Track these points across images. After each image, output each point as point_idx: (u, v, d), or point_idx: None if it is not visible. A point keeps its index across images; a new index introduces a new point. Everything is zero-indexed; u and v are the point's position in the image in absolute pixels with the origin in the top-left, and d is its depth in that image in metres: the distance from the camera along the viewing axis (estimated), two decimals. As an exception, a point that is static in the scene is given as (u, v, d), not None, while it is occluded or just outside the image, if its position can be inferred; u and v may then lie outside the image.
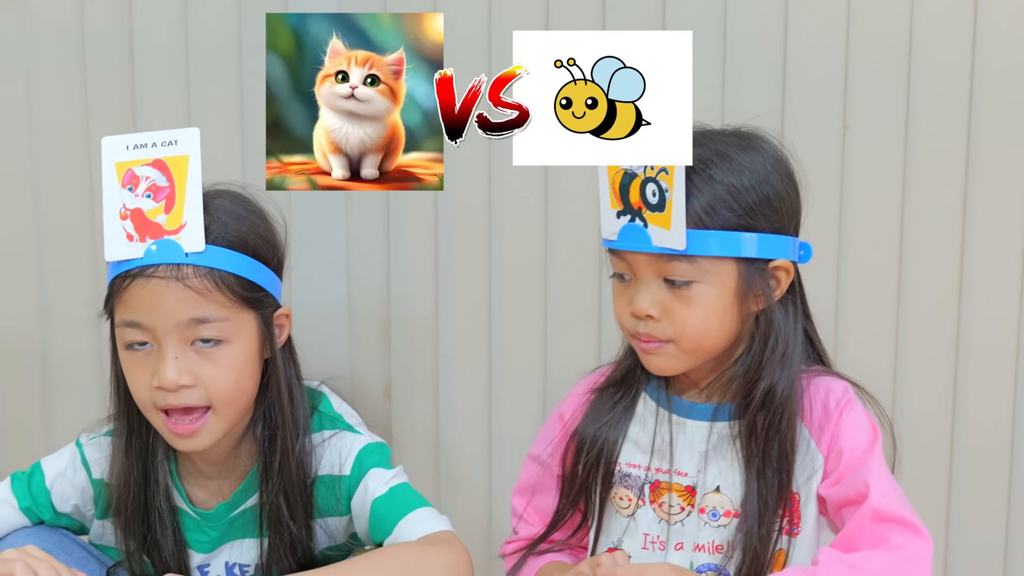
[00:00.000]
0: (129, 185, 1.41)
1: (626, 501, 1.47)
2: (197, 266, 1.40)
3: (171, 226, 1.40)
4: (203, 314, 1.41)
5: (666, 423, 1.47)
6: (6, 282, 2.04)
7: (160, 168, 1.40)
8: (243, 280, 1.43)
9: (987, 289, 1.88)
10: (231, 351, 1.43)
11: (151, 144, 1.41)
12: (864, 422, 1.42)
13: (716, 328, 1.39)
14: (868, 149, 1.87)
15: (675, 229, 1.34)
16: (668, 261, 1.37)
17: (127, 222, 1.41)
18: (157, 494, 1.51)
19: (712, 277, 1.37)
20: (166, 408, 1.43)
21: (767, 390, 1.40)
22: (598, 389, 1.53)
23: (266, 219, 1.50)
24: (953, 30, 1.83)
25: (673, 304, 1.38)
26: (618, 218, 1.40)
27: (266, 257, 1.47)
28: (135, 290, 1.41)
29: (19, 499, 1.54)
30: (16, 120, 2.01)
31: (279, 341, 1.50)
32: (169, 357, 1.41)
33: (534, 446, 1.58)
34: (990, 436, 1.91)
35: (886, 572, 1.31)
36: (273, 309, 1.49)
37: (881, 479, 1.37)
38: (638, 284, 1.40)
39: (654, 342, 1.41)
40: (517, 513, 1.58)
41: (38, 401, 2.07)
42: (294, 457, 1.49)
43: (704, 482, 1.44)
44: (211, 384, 1.42)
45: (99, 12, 1.97)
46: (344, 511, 1.52)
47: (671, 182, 1.34)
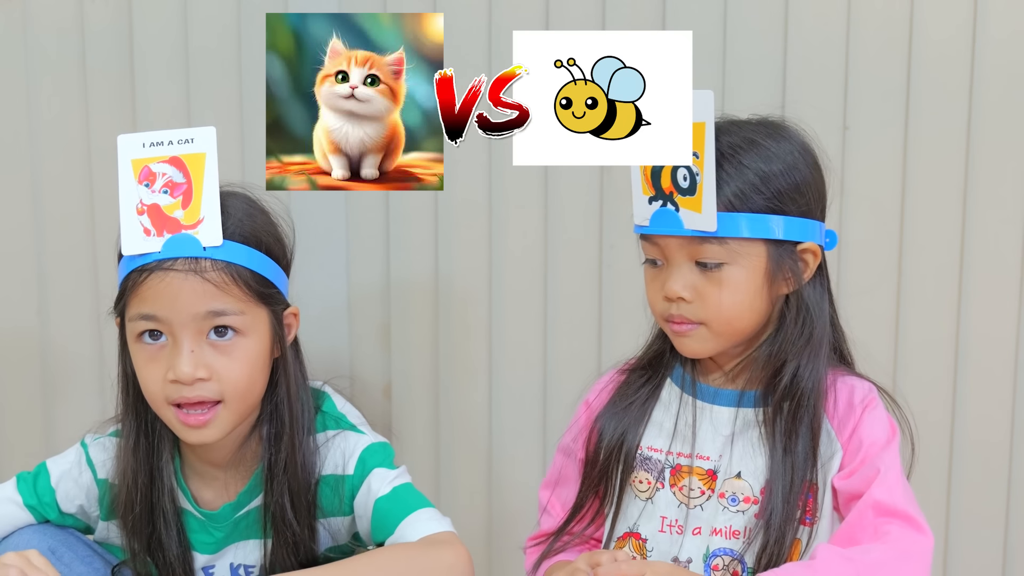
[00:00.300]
0: (146, 181, 1.42)
1: (645, 484, 1.49)
2: (215, 260, 1.41)
3: (189, 221, 1.41)
4: (220, 307, 1.42)
5: (690, 407, 1.49)
6: (6, 282, 2.04)
7: (177, 165, 1.42)
8: (258, 275, 1.45)
9: (987, 289, 1.88)
10: (245, 344, 1.45)
11: (167, 142, 1.42)
12: (885, 421, 1.45)
13: (747, 309, 1.43)
14: (868, 149, 1.87)
15: (706, 211, 1.38)
16: (700, 244, 1.40)
17: (144, 217, 1.42)
18: (162, 495, 1.52)
19: (742, 259, 1.40)
20: (179, 402, 1.44)
21: (793, 372, 1.44)
22: (626, 371, 1.55)
23: (274, 219, 1.52)
24: (953, 30, 1.83)
25: (705, 286, 1.41)
26: (650, 204, 1.43)
27: (278, 255, 1.49)
28: (152, 283, 1.41)
29: (24, 496, 1.55)
30: (16, 120, 2.01)
31: (288, 338, 1.51)
32: (185, 350, 1.42)
33: (563, 437, 1.60)
34: (990, 435, 1.91)
35: (883, 566, 1.33)
36: (283, 307, 1.50)
37: (890, 474, 1.39)
38: (670, 268, 1.43)
39: (687, 324, 1.43)
40: (542, 505, 1.60)
41: (38, 401, 2.07)
42: (299, 456, 1.49)
43: (726, 467, 1.45)
44: (225, 377, 1.43)
45: (99, 12, 1.97)
46: (347, 511, 1.52)
47: (701, 166, 1.36)
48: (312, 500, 1.51)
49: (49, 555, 1.51)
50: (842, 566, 1.32)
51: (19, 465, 1.84)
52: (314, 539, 1.52)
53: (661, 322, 1.48)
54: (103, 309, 1.98)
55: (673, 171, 1.40)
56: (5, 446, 2.07)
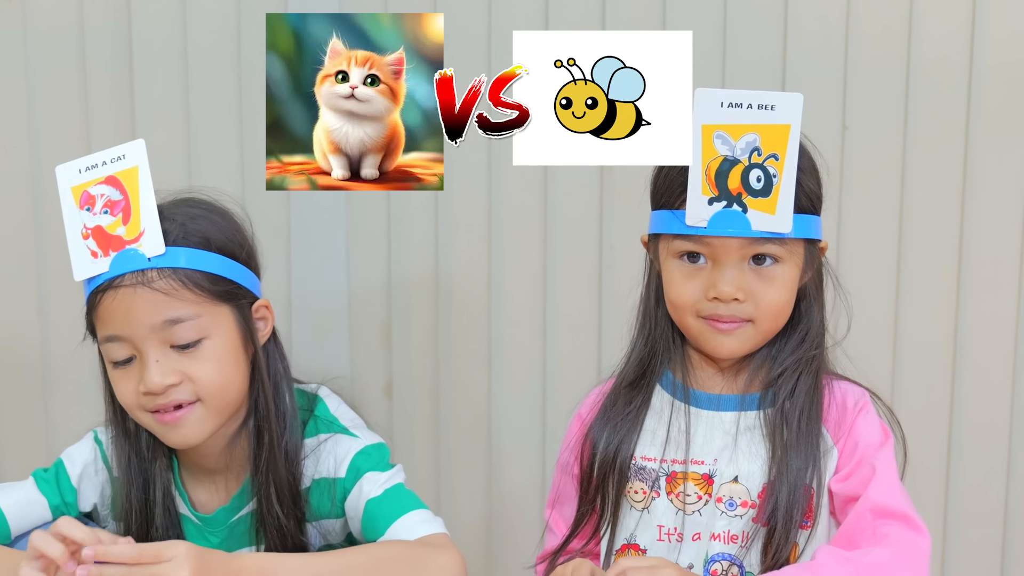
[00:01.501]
0: (87, 206, 1.44)
1: (640, 494, 1.48)
2: (161, 268, 1.42)
3: (131, 235, 1.42)
4: (175, 314, 1.42)
5: (682, 413, 1.48)
6: (6, 282, 2.04)
7: (113, 183, 1.43)
8: (209, 275, 1.45)
9: (986, 288, 1.88)
10: (210, 345, 1.45)
11: (101, 163, 1.44)
12: (878, 424, 1.45)
13: (788, 305, 1.44)
14: (868, 149, 1.87)
15: (781, 213, 1.38)
16: (762, 244, 1.40)
17: (89, 240, 1.44)
18: (157, 499, 1.52)
19: (791, 257, 1.42)
20: (155, 409, 1.44)
21: (795, 368, 1.45)
22: (612, 391, 1.54)
23: (228, 216, 1.51)
24: (952, 30, 1.83)
25: (755, 284, 1.42)
26: (710, 204, 1.40)
27: (232, 251, 1.48)
28: (106, 303, 1.43)
29: (49, 499, 1.55)
30: (16, 120, 2.01)
31: (263, 334, 1.51)
32: (151, 362, 1.42)
33: (560, 454, 1.59)
34: (988, 435, 1.91)
35: (884, 567, 1.33)
36: (250, 302, 1.50)
37: (886, 475, 1.39)
38: (720, 268, 1.42)
39: (735, 322, 1.43)
40: (547, 525, 1.59)
41: (38, 402, 2.07)
42: (282, 451, 1.49)
43: (722, 471, 1.45)
44: (197, 377, 1.44)
45: (99, 12, 1.97)
46: (339, 513, 1.52)
47: (780, 168, 1.37)
48: (301, 501, 1.51)
49: None
50: (842, 567, 1.32)
51: (19, 465, 1.84)
52: (302, 530, 1.52)
53: (690, 319, 1.45)
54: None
55: (744, 172, 1.39)
56: (5, 446, 2.07)
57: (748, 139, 1.39)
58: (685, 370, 1.50)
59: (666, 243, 1.45)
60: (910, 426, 1.84)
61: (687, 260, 1.44)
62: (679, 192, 1.41)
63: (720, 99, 1.39)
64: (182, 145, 1.98)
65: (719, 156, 1.39)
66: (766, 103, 1.38)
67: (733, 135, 1.39)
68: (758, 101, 1.39)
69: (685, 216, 1.41)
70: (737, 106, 1.39)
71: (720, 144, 1.39)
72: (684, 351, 1.50)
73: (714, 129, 1.39)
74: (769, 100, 1.39)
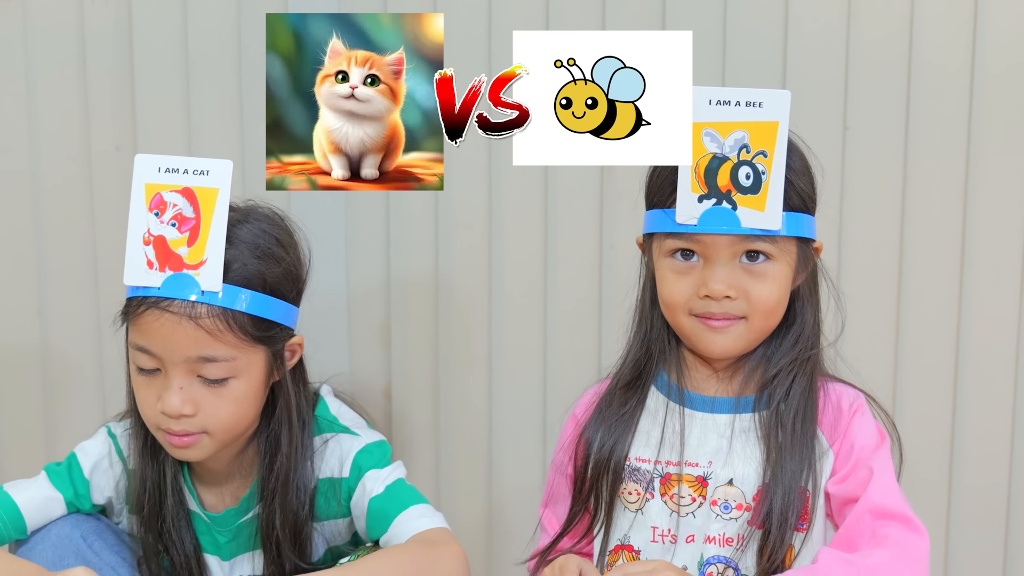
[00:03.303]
0: (156, 210, 1.41)
1: (634, 496, 1.48)
2: (211, 306, 1.41)
3: (192, 260, 1.40)
4: (212, 353, 1.42)
5: (677, 415, 1.48)
6: (6, 282, 2.04)
7: (188, 197, 1.41)
8: (256, 319, 1.44)
9: (987, 290, 1.88)
10: (236, 385, 1.45)
11: (183, 170, 1.41)
12: (873, 426, 1.46)
13: (781, 303, 1.44)
14: (868, 149, 1.87)
15: (770, 210, 1.38)
16: (752, 241, 1.40)
17: (149, 248, 1.42)
18: (168, 493, 1.54)
19: (783, 255, 1.42)
20: (166, 429, 1.46)
21: (790, 373, 1.44)
22: (607, 391, 1.53)
23: (291, 248, 1.50)
24: (953, 31, 1.83)
25: (747, 282, 1.42)
26: (700, 202, 1.41)
27: (284, 292, 1.47)
28: (148, 319, 1.42)
29: (63, 493, 1.55)
30: (16, 120, 2.01)
31: (288, 364, 1.51)
32: (174, 387, 1.43)
33: (555, 454, 1.59)
34: (990, 438, 1.91)
35: (885, 568, 1.33)
36: (286, 339, 1.49)
37: (884, 476, 1.39)
38: (712, 266, 1.42)
39: (728, 319, 1.43)
40: (540, 524, 1.59)
41: (38, 401, 2.07)
42: (293, 478, 1.50)
43: (717, 473, 1.44)
44: (210, 414, 1.44)
45: (99, 12, 1.97)
46: (344, 513, 1.53)
47: (769, 165, 1.37)
48: (306, 514, 1.52)
49: (81, 543, 1.53)
50: (843, 569, 1.32)
51: (19, 465, 1.84)
52: (303, 555, 1.53)
53: (683, 318, 1.45)
54: (103, 312, 1.99)
55: (734, 169, 1.39)
56: (4, 446, 2.07)
57: (737, 136, 1.39)
58: (680, 372, 1.50)
59: (659, 242, 1.45)
60: (912, 429, 1.85)
61: (679, 258, 1.44)
62: (670, 190, 1.42)
63: (708, 96, 1.39)
64: (182, 145, 1.97)
65: (708, 153, 1.40)
66: (754, 100, 1.38)
67: (722, 132, 1.39)
68: (746, 98, 1.39)
69: (676, 214, 1.41)
70: (725, 103, 1.39)
71: (709, 141, 1.39)
72: (679, 353, 1.50)
73: (703, 126, 1.39)
74: (757, 97, 1.39)
